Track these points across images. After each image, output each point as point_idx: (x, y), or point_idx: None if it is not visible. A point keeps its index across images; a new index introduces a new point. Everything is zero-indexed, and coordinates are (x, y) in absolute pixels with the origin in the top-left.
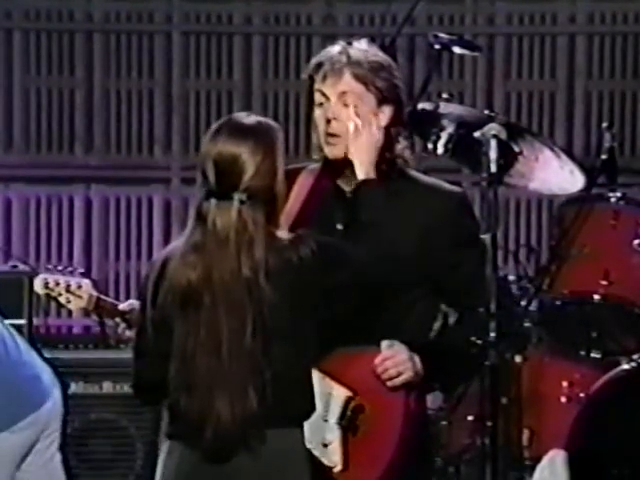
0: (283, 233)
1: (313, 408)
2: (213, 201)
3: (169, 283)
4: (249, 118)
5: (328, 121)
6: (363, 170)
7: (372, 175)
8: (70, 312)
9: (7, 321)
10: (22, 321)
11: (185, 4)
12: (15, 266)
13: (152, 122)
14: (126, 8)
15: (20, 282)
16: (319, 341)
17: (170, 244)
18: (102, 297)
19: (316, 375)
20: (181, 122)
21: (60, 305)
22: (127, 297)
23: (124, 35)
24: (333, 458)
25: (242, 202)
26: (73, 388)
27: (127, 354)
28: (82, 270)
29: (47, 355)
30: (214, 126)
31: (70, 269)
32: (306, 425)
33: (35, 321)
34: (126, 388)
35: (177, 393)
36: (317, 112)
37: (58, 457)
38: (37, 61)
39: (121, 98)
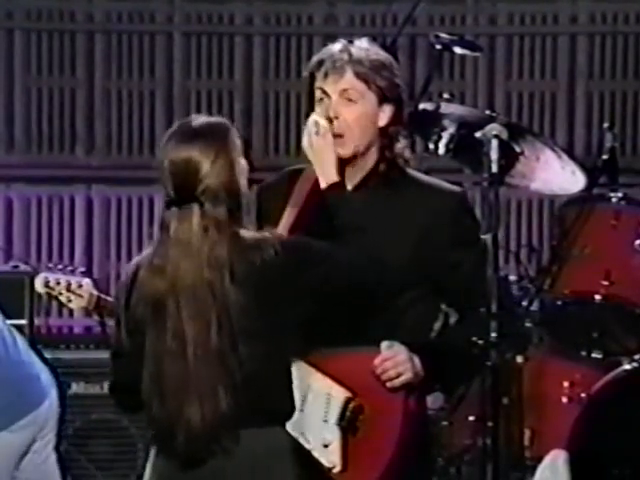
0: (247, 232)
1: (293, 407)
2: (174, 209)
3: (139, 293)
4: (197, 120)
5: (330, 121)
6: (322, 175)
7: (335, 178)
8: (71, 312)
9: (8, 321)
10: (23, 321)
11: (186, 4)
12: (16, 266)
13: (153, 122)
14: (127, 8)
15: (21, 282)
16: (300, 340)
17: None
18: (103, 296)
19: (315, 375)
20: None
21: (61, 304)
22: None
23: (125, 35)
24: (332, 459)
25: (201, 205)
26: (74, 388)
27: None
28: (83, 269)
29: (48, 355)
30: (165, 135)
31: (71, 268)
32: (306, 426)
33: (36, 321)
34: None
35: (150, 400)
36: (317, 109)
37: (54, 457)
38: (38, 61)
39: (122, 98)
